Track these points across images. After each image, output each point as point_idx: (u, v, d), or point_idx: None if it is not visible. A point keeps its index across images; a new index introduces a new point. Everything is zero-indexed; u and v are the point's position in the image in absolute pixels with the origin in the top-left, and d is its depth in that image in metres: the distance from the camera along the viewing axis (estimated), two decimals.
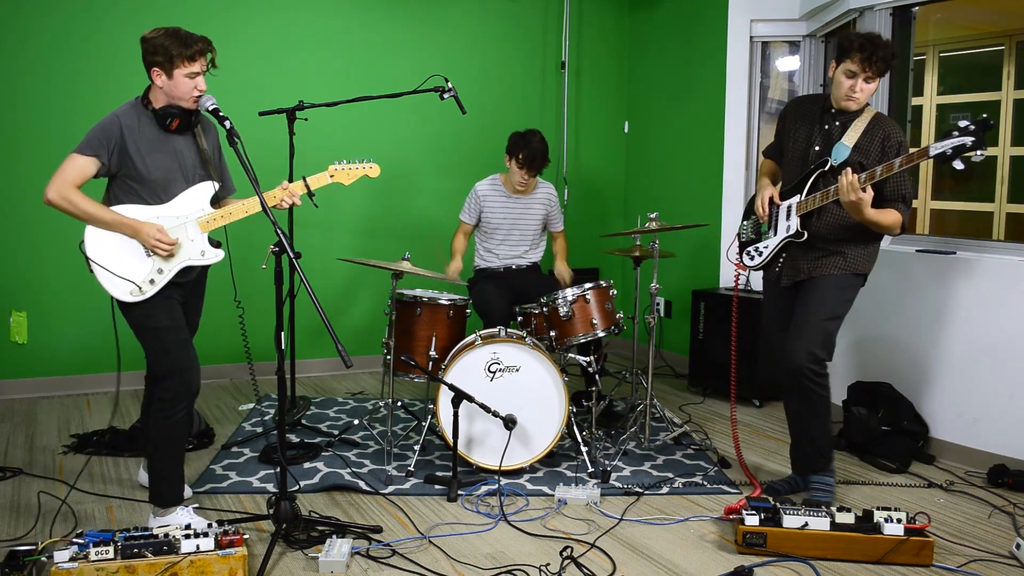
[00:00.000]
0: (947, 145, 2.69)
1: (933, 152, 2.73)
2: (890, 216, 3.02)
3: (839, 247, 3.14)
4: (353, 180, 3.10)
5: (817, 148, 3.18)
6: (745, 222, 3.48)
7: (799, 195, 3.18)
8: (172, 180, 2.79)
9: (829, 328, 3.12)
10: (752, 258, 3.38)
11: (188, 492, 3.25)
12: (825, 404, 3.17)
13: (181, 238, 2.78)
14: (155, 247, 2.72)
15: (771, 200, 3.29)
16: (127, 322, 2.83)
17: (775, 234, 3.28)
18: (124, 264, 2.74)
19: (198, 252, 2.82)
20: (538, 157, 4.14)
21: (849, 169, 2.94)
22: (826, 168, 3.12)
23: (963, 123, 2.67)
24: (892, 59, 2.98)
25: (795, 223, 3.18)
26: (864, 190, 2.90)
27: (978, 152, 2.65)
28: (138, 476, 3.35)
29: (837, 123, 3.15)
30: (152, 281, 2.75)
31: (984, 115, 2.66)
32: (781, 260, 3.27)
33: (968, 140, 2.65)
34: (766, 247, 3.31)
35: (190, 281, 2.90)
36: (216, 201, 2.92)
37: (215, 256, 2.86)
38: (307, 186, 2.97)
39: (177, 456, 2.88)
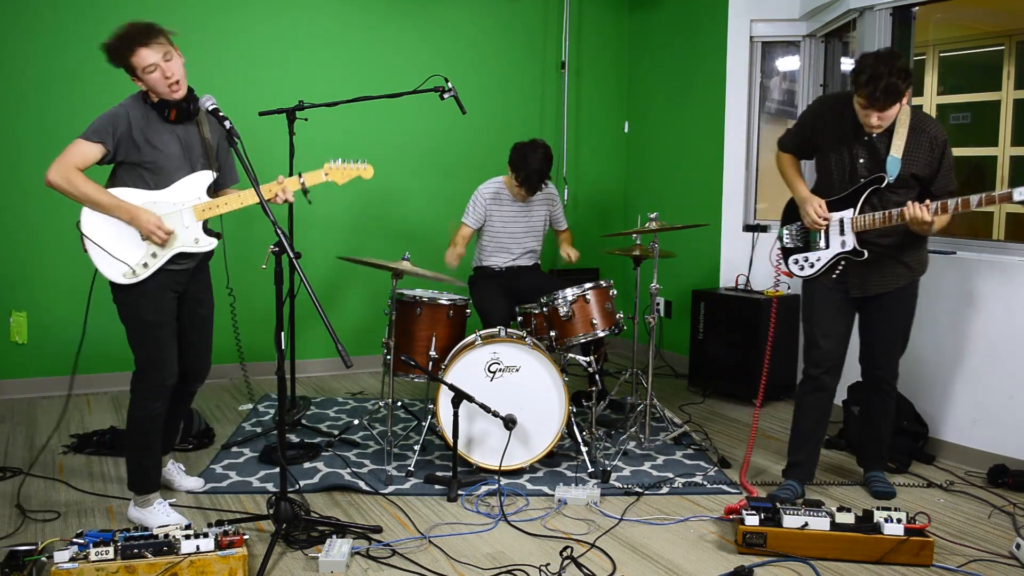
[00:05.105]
0: None
1: (1018, 198, 2.76)
2: (946, 218, 3.05)
3: (901, 257, 3.15)
4: (347, 180, 3.08)
5: (862, 160, 3.09)
6: (788, 227, 3.37)
7: (852, 210, 3.12)
8: (176, 167, 2.83)
9: (908, 337, 3.31)
10: (802, 268, 3.29)
11: (199, 483, 3.30)
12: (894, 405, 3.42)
13: (176, 225, 2.82)
14: (152, 234, 2.76)
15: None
16: (116, 308, 2.86)
17: (827, 247, 3.20)
18: (119, 245, 2.78)
19: (192, 239, 2.86)
20: (535, 179, 4.09)
21: (913, 204, 2.93)
22: (882, 185, 3.06)
23: None
24: (904, 80, 2.87)
25: (851, 240, 3.14)
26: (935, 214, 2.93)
27: None
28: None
29: (876, 133, 3.05)
30: (146, 264, 2.80)
31: None
32: (838, 270, 3.22)
33: None
34: (818, 259, 3.23)
35: (189, 269, 2.92)
36: (214, 190, 2.95)
37: (208, 244, 2.90)
38: (302, 183, 2.97)
39: (153, 448, 2.96)
